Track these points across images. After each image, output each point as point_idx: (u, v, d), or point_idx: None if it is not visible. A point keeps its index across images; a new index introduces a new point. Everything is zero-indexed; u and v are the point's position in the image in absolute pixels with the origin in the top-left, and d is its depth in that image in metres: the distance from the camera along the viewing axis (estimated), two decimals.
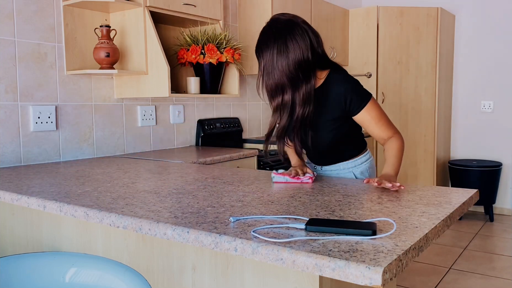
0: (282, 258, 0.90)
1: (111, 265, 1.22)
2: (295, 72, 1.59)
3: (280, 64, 1.58)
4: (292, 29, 1.59)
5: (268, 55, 1.60)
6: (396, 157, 1.66)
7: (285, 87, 1.62)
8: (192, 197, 1.41)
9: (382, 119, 1.70)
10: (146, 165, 2.20)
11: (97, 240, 1.56)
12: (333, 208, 1.25)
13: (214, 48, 2.72)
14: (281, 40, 1.58)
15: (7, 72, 2.18)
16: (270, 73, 1.61)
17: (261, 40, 1.64)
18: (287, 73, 1.59)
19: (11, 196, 1.53)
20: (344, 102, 1.67)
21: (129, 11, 2.50)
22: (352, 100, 1.67)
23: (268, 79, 1.62)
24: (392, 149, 1.67)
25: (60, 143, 2.41)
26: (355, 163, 1.85)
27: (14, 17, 2.19)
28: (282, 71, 1.58)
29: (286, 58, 1.57)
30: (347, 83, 1.69)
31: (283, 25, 1.60)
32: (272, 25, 1.63)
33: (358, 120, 1.71)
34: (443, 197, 1.37)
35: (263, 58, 1.62)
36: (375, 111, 1.69)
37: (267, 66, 1.61)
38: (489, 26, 4.54)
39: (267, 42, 1.61)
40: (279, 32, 1.59)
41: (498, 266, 3.23)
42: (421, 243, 0.97)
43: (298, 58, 1.58)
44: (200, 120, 3.20)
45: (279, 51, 1.58)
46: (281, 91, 1.63)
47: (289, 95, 1.63)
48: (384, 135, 1.71)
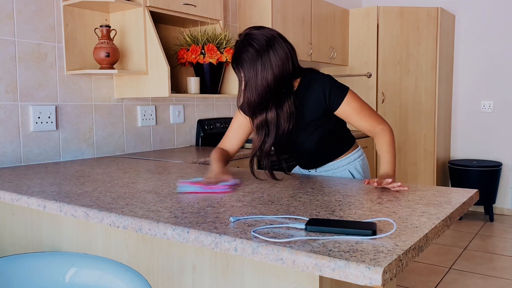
0: (282, 258, 0.90)
1: (111, 265, 1.22)
2: (278, 87, 1.58)
3: (264, 79, 1.55)
4: (274, 44, 1.58)
5: (252, 70, 1.56)
6: (389, 152, 1.64)
7: (268, 103, 1.60)
8: (192, 197, 1.41)
9: (364, 110, 1.69)
10: (146, 165, 2.20)
11: (97, 240, 1.56)
12: (333, 208, 1.25)
13: (214, 48, 2.72)
14: (265, 55, 1.56)
15: (7, 72, 2.18)
16: (253, 88, 1.57)
17: (242, 55, 1.59)
18: (271, 88, 1.57)
19: (11, 196, 1.53)
20: (324, 98, 1.66)
21: (129, 11, 2.50)
22: (330, 94, 1.66)
23: (252, 95, 1.58)
24: (383, 144, 1.66)
25: (60, 143, 2.41)
26: (348, 160, 1.83)
27: (14, 17, 2.19)
28: (266, 86, 1.56)
29: (270, 73, 1.55)
30: (322, 80, 1.68)
31: (264, 40, 1.57)
32: (252, 39, 1.59)
33: (340, 114, 1.69)
34: (443, 197, 1.37)
35: (245, 74, 1.58)
36: (355, 102, 1.68)
37: (251, 81, 1.57)
38: (489, 26, 4.54)
39: (249, 57, 1.57)
40: (262, 47, 1.56)
41: (498, 266, 3.23)
42: (421, 243, 0.97)
43: (281, 73, 1.57)
44: (200, 120, 3.20)
45: (263, 66, 1.55)
46: (264, 108, 1.61)
47: (273, 112, 1.61)
48: (369, 126, 1.69)
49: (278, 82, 1.57)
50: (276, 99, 1.60)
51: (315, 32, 3.92)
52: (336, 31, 4.25)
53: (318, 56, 3.98)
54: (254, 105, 1.60)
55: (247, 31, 1.63)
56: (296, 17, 3.65)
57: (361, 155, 1.89)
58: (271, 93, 1.58)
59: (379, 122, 1.69)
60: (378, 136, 1.68)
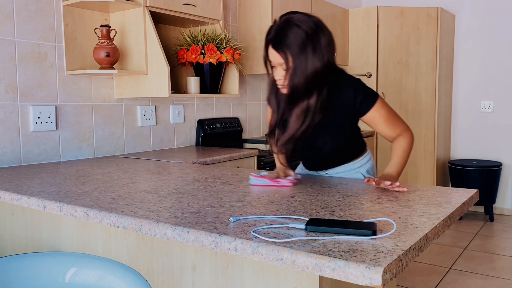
0: (282, 258, 0.90)
1: (111, 265, 1.22)
2: (325, 73, 1.52)
3: (314, 64, 1.49)
4: (322, 27, 1.53)
5: (302, 54, 1.49)
6: (401, 156, 1.63)
7: (312, 90, 1.54)
8: (192, 197, 1.41)
9: (392, 117, 1.65)
10: (146, 165, 2.20)
11: (97, 240, 1.56)
12: (333, 208, 1.25)
13: (214, 48, 2.72)
14: (316, 39, 1.50)
15: (7, 72, 2.18)
16: (301, 73, 1.50)
17: (289, 37, 1.50)
18: (319, 74, 1.51)
19: (11, 196, 1.53)
20: (354, 102, 1.61)
21: (129, 11, 2.50)
22: (361, 100, 1.61)
23: (299, 80, 1.52)
24: (399, 148, 1.64)
25: (60, 143, 2.41)
26: (361, 162, 1.82)
27: (14, 17, 2.19)
28: (315, 72, 1.50)
29: (321, 59, 1.50)
30: (354, 83, 1.64)
31: (313, 23, 1.51)
32: (300, 22, 1.51)
33: (366, 119, 1.66)
34: (443, 197, 1.37)
35: (294, 57, 1.50)
36: (383, 110, 1.64)
37: (300, 66, 1.50)
38: (489, 26, 4.54)
39: (298, 40, 1.49)
40: (312, 30, 1.50)
41: (498, 266, 3.23)
42: (421, 243, 0.97)
43: (329, 58, 1.52)
44: (200, 120, 3.20)
45: (314, 50, 1.49)
46: (307, 94, 1.54)
47: (314, 99, 1.55)
48: (393, 134, 1.66)
49: (326, 67, 1.52)
50: (320, 86, 1.54)
51: None
52: (336, 31, 4.25)
53: None
54: (299, 91, 1.53)
55: (286, 14, 1.55)
56: None
57: (371, 157, 1.88)
58: (318, 78, 1.52)
59: (403, 130, 1.66)
60: (397, 140, 1.65)
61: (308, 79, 1.51)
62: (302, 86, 1.52)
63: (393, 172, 1.59)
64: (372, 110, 1.63)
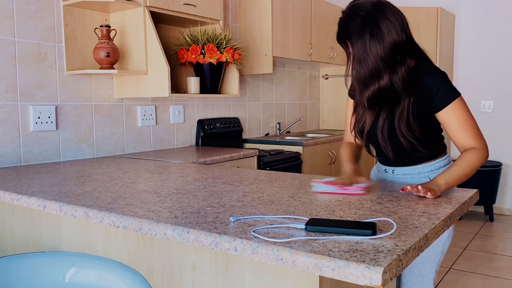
0: (282, 258, 0.90)
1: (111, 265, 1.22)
2: (391, 55, 1.44)
3: (374, 49, 1.42)
4: (383, 10, 1.45)
5: (359, 40, 1.43)
6: (462, 169, 1.43)
7: (381, 71, 1.45)
8: (192, 197, 1.41)
9: (467, 123, 1.48)
10: (146, 165, 2.20)
11: (97, 240, 1.56)
12: (333, 208, 1.25)
13: (214, 48, 2.72)
14: (373, 23, 1.42)
15: (7, 72, 2.18)
16: (363, 61, 1.44)
17: (348, 27, 1.47)
18: (382, 57, 1.43)
19: (11, 196, 1.53)
20: (431, 94, 1.48)
21: (129, 11, 2.50)
22: (438, 93, 1.48)
23: (361, 67, 1.45)
24: (464, 160, 1.44)
25: (60, 143, 2.41)
26: (431, 167, 1.63)
27: (14, 17, 2.19)
28: (377, 56, 1.43)
29: (381, 41, 1.42)
30: (437, 74, 1.51)
31: (371, 7, 1.44)
32: (358, 9, 1.46)
33: (440, 118, 1.51)
34: (443, 197, 1.37)
35: (354, 46, 1.46)
36: (460, 112, 1.48)
37: (359, 53, 1.44)
38: (489, 26, 4.54)
39: (356, 28, 1.44)
40: (369, 15, 1.44)
41: (498, 266, 3.23)
42: (421, 243, 0.97)
43: (394, 40, 1.43)
44: (200, 120, 3.20)
45: (372, 35, 1.42)
46: (376, 77, 1.46)
47: (386, 79, 1.45)
48: (465, 143, 1.48)
49: (391, 50, 1.44)
50: (390, 67, 1.45)
51: (315, 32, 3.92)
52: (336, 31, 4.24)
53: (318, 56, 3.98)
54: (364, 78, 1.47)
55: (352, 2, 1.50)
56: (296, 17, 3.65)
57: (447, 164, 1.67)
58: (383, 61, 1.44)
59: (480, 145, 1.48)
60: (468, 152, 1.47)
61: (372, 65, 1.44)
62: (364, 73, 1.46)
63: (442, 181, 1.40)
64: (448, 108, 1.48)
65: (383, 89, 1.47)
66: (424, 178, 1.63)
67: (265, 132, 3.94)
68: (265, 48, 3.39)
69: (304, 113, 4.52)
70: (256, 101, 3.79)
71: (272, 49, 3.37)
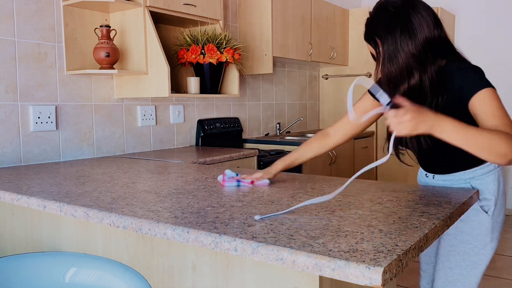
0: (282, 258, 0.90)
1: (111, 265, 1.22)
2: (423, 53, 1.37)
3: (406, 45, 1.36)
4: (414, 4, 1.38)
5: (390, 37, 1.37)
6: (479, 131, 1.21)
7: (411, 69, 1.38)
8: (192, 197, 1.41)
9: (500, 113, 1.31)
10: (146, 165, 2.20)
11: (97, 240, 1.56)
12: (333, 208, 1.25)
13: (214, 48, 2.72)
14: (405, 18, 1.36)
15: (7, 72, 2.18)
16: (393, 58, 1.38)
17: (377, 24, 1.41)
18: (414, 54, 1.36)
19: (11, 196, 1.53)
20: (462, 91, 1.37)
21: (129, 11, 2.50)
22: (469, 82, 1.37)
23: (391, 65, 1.38)
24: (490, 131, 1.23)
25: (60, 143, 2.41)
26: (473, 174, 1.52)
27: (14, 17, 2.19)
28: (408, 53, 1.36)
29: (413, 37, 1.36)
30: (467, 69, 1.42)
31: (401, 2, 1.38)
32: (387, 5, 1.40)
33: (472, 110, 1.35)
34: (443, 197, 1.37)
35: (384, 43, 1.39)
36: (492, 101, 1.33)
37: (389, 50, 1.38)
38: (489, 26, 4.54)
39: (386, 24, 1.38)
40: (400, 10, 1.37)
41: (498, 266, 3.23)
42: (421, 243, 0.97)
43: (426, 36, 1.36)
44: (200, 120, 3.20)
45: (403, 30, 1.35)
46: (406, 76, 1.39)
47: (417, 78, 1.38)
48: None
49: (423, 46, 1.36)
50: (421, 64, 1.38)
51: (315, 32, 3.92)
52: (336, 31, 4.25)
53: (318, 56, 3.98)
54: (395, 76, 1.40)
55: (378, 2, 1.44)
56: (296, 17, 3.65)
57: (493, 170, 1.53)
58: (415, 59, 1.37)
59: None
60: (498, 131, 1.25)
61: (403, 62, 1.37)
62: (397, 70, 1.39)
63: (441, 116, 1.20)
64: (477, 95, 1.33)
65: (412, 89, 1.39)
66: (465, 184, 1.54)
67: (265, 132, 3.94)
68: (265, 48, 3.39)
69: (304, 113, 4.52)
70: (256, 101, 3.79)
71: (272, 49, 3.37)
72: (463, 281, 1.54)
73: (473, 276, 1.53)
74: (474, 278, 1.53)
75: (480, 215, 1.51)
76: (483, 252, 1.52)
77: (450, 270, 1.56)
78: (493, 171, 1.53)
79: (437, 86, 1.39)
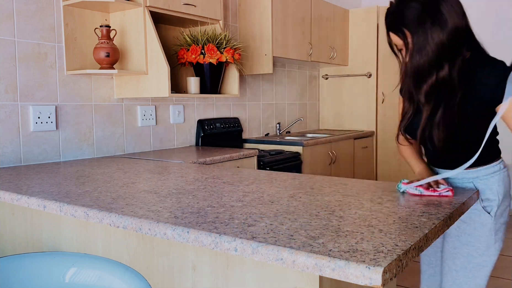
0: (282, 258, 0.90)
1: (111, 265, 1.22)
2: (453, 43, 1.34)
3: (436, 36, 1.33)
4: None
5: (421, 29, 1.34)
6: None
7: (441, 61, 1.35)
8: (192, 197, 1.41)
9: None
10: (146, 165, 2.20)
11: (97, 240, 1.56)
12: (333, 208, 1.25)
13: (214, 48, 2.72)
14: (435, 7, 1.33)
15: (7, 72, 2.18)
16: (423, 49, 1.34)
17: (405, 15, 1.36)
18: (444, 44, 1.33)
19: (11, 196, 1.53)
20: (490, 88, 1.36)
21: (129, 11, 2.50)
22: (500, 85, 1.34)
23: (421, 57, 1.35)
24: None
25: (60, 143, 2.41)
26: (477, 174, 1.52)
27: (14, 17, 2.19)
28: (439, 43, 1.33)
29: (444, 27, 1.33)
30: (495, 65, 1.39)
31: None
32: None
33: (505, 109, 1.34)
34: (443, 198, 1.37)
35: (414, 35, 1.35)
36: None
37: (419, 42, 1.34)
38: (489, 26, 4.54)
39: (415, 15, 1.34)
40: (431, 2, 1.34)
41: (498, 266, 3.22)
42: (421, 243, 0.97)
43: (456, 25, 1.34)
44: (200, 120, 3.20)
45: (434, 21, 1.32)
46: (435, 68, 1.36)
47: (446, 70, 1.35)
48: None
49: (453, 38, 1.34)
50: (450, 55, 1.36)
51: (315, 32, 3.92)
52: (336, 31, 4.25)
53: (318, 56, 3.98)
54: (423, 69, 1.37)
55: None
56: (296, 17, 3.65)
57: (499, 170, 1.53)
58: (446, 50, 1.34)
59: None
60: None
61: (433, 54, 1.35)
62: (426, 62, 1.36)
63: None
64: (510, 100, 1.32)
65: (441, 81, 1.37)
66: (468, 184, 1.54)
67: (265, 132, 3.94)
68: (265, 48, 3.39)
69: (304, 113, 4.52)
70: (256, 101, 3.79)
71: (272, 49, 3.37)
72: (469, 284, 1.52)
73: (479, 278, 1.52)
74: (480, 280, 1.52)
75: (482, 216, 1.51)
76: (487, 253, 1.51)
77: (456, 272, 1.55)
78: (499, 172, 1.52)
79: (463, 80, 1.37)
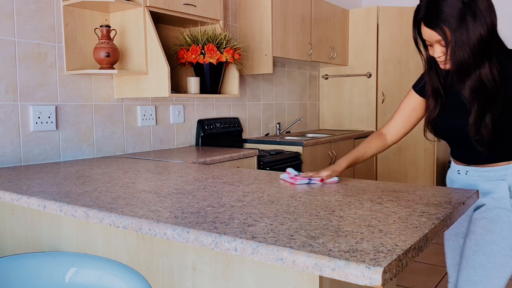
0: (282, 258, 0.90)
1: (111, 265, 1.22)
2: (491, 38, 1.35)
3: (478, 32, 1.33)
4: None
5: (462, 24, 1.33)
6: None
7: (482, 57, 1.35)
8: (192, 197, 1.41)
9: None
10: (146, 165, 2.20)
11: (97, 240, 1.56)
12: (333, 208, 1.25)
13: (214, 48, 2.72)
14: (473, 4, 1.33)
15: (7, 72, 2.18)
16: (464, 45, 1.34)
17: (444, 10, 1.34)
18: (484, 40, 1.34)
19: (11, 196, 1.53)
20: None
21: (129, 11, 2.50)
22: None
23: (465, 52, 1.34)
24: None
25: (60, 143, 2.41)
26: (507, 171, 1.50)
27: (14, 17, 2.19)
28: (480, 39, 1.33)
29: (483, 23, 1.33)
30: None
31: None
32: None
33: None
34: (443, 197, 1.37)
35: (455, 32, 1.34)
36: None
37: (460, 38, 1.33)
38: None
39: (456, 11, 1.33)
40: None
41: None
42: (421, 243, 0.97)
43: (493, 20, 1.35)
44: (200, 120, 3.20)
45: (474, 17, 1.32)
46: (477, 64, 1.37)
47: (486, 66, 1.36)
48: None
49: (491, 33, 1.35)
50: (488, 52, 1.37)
51: (315, 32, 3.92)
52: (336, 31, 4.25)
53: (318, 56, 3.98)
54: (467, 64, 1.36)
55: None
56: (296, 17, 3.65)
57: None
58: (485, 46, 1.35)
59: None
60: None
61: (474, 50, 1.35)
62: (468, 58, 1.36)
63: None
64: None
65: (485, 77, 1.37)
66: (500, 181, 1.51)
67: (265, 132, 3.94)
68: (265, 48, 3.39)
69: (304, 113, 4.52)
70: (256, 101, 3.79)
71: (272, 49, 3.37)
72: (485, 283, 1.49)
73: (497, 278, 1.48)
74: (499, 281, 1.48)
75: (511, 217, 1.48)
76: (511, 254, 1.48)
77: (474, 270, 1.51)
78: None
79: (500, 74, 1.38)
